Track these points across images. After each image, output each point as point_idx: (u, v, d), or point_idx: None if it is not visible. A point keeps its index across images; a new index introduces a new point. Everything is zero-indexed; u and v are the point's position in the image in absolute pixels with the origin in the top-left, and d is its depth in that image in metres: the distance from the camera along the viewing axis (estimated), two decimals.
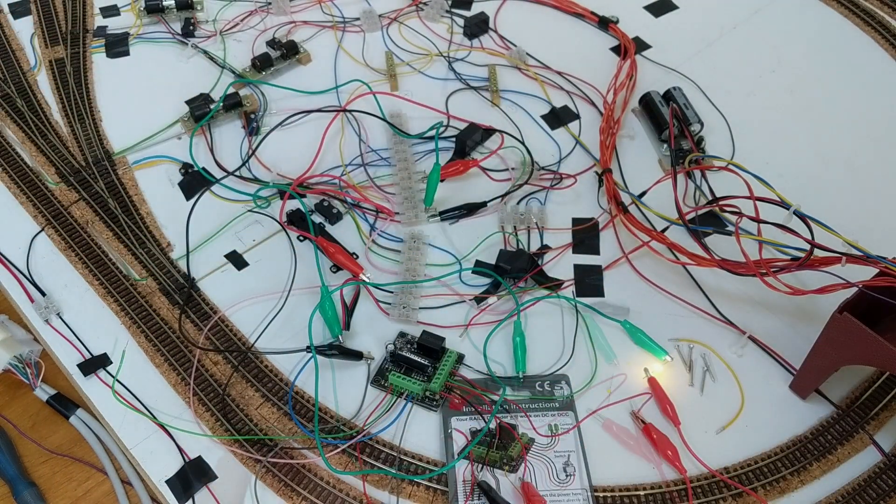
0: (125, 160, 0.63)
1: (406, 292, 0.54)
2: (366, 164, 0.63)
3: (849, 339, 0.45)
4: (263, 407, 0.50)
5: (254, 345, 0.53)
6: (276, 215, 0.59)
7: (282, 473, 0.47)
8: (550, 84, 0.70)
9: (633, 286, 0.56)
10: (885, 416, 0.50)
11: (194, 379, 0.51)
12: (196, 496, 0.47)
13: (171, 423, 0.49)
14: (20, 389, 0.58)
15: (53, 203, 0.61)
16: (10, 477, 0.54)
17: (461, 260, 0.57)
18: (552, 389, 0.50)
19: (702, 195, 0.61)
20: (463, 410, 0.49)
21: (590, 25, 0.76)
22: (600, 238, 0.59)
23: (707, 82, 0.70)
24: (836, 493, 0.47)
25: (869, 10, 0.77)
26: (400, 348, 0.51)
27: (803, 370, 0.50)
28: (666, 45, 0.74)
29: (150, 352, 0.53)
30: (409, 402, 0.50)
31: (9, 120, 0.66)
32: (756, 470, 0.47)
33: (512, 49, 0.72)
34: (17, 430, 0.57)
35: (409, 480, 0.47)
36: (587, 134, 0.66)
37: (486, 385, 0.50)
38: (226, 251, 0.58)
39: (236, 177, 0.62)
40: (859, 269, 0.46)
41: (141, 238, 0.58)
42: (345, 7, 0.76)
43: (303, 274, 0.56)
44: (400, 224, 0.59)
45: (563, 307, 0.55)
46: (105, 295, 0.56)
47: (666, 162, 0.63)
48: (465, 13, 0.76)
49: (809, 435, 0.49)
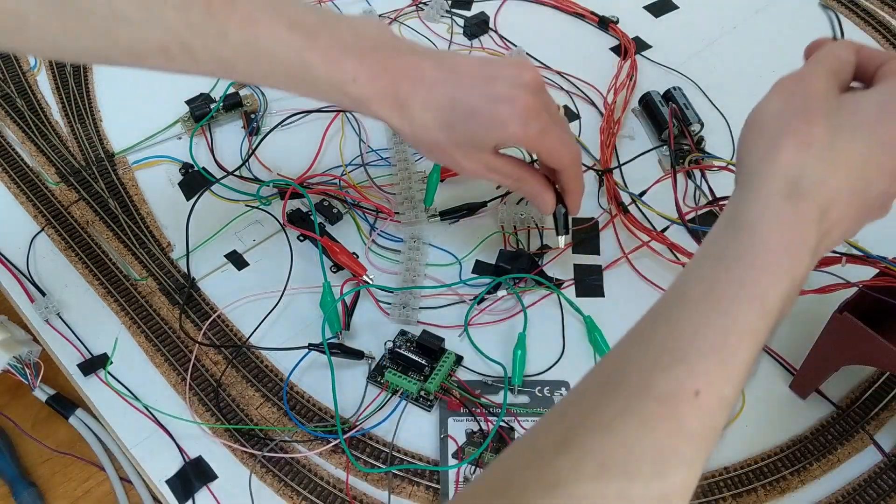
0: (125, 160, 0.64)
1: (406, 292, 0.54)
2: (366, 164, 0.63)
3: (849, 339, 0.44)
4: (263, 407, 0.50)
5: (248, 339, 0.53)
6: (276, 215, 0.59)
7: (282, 473, 0.47)
8: (550, 84, 0.70)
9: (633, 286, 0.56)
10: (885, 416, 0.50)
11: (193, 378, 0.51)
12: (196, 496, 0.47)
13: (170, 424, 0.49)
14: (20, 390, 0.58)
15: (53, 203, 0.61)
16: (9, 477, 0.54)
17: (461, 260, 0.57)
18: (552, 395, 0.50)
19: (702, 195, 0.61)
20: (460, 412, 0.49)
21: (590, 25, 0.76)
22: (600, 238, 0.59)
23: (707, 82, 0.70)
24: (836, 493, 0.47)
25: (869, 9, 0.77)
26: (399, 346, 0.51)
27: (803, 370, 0.50)
28: (666, 45, 0.74)
29: (150, 351, 0.53)
30: (402, 400, 0.50)
31: (9, 120, 0.66)
32: (756, 470, 0.47)
33: (512, 49, 0.72)
34: (19, 429, 0.57)
35: (408, 480, 0.47)
36: (587, 134, 0.66)
37: (486, 385, 0.50)
38: (226, 251, 0.58)
39: (236, 177, 0.62)
40: (859, 269, 0.46)
41: (141, 238, 0.58)
42: (345, 7, 0.76)
43: (304, 274, 0.56)
44: (400, 224, 0.59)
45: (564, 308, 0.55)
46: (105, 295, 0.56)
47: (666, 162, 0.63)
48: (465, 13, 0.76)
49: (809, 435, 0.49)
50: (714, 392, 0.30)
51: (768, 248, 0.33)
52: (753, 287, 0.32)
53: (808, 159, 0.34)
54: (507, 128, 0.44)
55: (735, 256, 0.33)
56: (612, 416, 0.30)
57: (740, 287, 0.32)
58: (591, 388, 0.33)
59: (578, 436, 0.30)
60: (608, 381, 0.32)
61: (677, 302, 0.33)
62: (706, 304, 0.32)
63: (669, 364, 0.31)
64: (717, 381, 0.31)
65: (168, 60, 0.43)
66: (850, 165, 0.34)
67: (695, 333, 0.31)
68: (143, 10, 0.41)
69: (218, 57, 0.43)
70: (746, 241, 0.33)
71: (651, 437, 0.29)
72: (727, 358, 0.31)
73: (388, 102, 0.44)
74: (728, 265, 0.33)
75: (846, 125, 0.35)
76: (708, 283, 0.33)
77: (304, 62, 0.43)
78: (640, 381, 0.31)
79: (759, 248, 0.33)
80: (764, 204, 0.34)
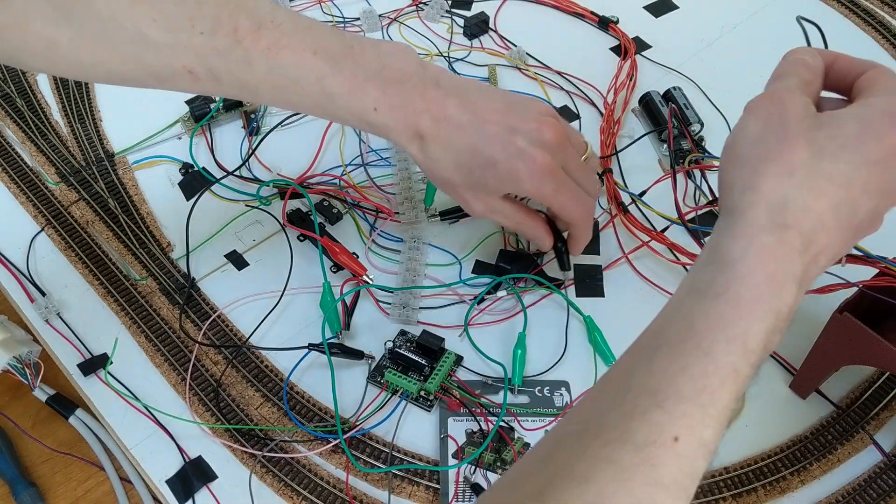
0: (125, 160, 0.64)
1: (406, 292, 0.54)
2: (366, 164, 0.63)
3: (849, 339, 0.45)
4: (263, 407, 0.50)
5: (248, 339, 0.53)
6: (276, 215, 0.59)
7: (282, 473, 0.47)
8: (550, 84, 0.70)
9: (633, 286, 0.56)
10: (885, 416, 0.50)
11: (193, 378, 0.51)
12: (196, 496, 0.47)
13: (170, 424, 0.49)
14: (20, 390, 0.58)
15: (53, 203, 0.61)
16: (9, 477, 0.54)
17: (461, 260, 0.57)
18: (551, 395, 0.50)
19: (702, 195, 0.61)
20: (460, 412, 0.49)
21: (590, 25, 0.76)
22: (600, 238, 0.59)
23: (707, 82, 0.70)
24: (836, 493, 0.47)
25: (869, 9, 0.77)
26: (399, 346, 0.51)
27: (803, 370, 0.50)
28: (666, 45, 0.74)
29: (150, 351, 0.53)
30: (403, 400, 0.50)
31: (9, 120, 0.66)
32: (756, 470, 0.47)
33: (512, 49, 0.72)
34: (19, 429, 0.57)
35: (408, 480, 0.47)
36: (587, 134, 0.66)
37: (486, 385, 0.50)
38: (226, 251, 0.58)
39: (236, 177, 0.62)
40: (859, 269, 0.46)
41: (141, 238, 0.58)
42: (345, 7, 0.76)
43: (303, 274, 0.56)
44: (400, 224, 0.59)
45: (564, 308, 0.55)
46: (105, 295, 0.56)
47: (666, 162, 0.63)
48: (465, 13, 0.76)
49: (809, 435, 0.49)
50: (694, 437, 0.30)
51: (750, 284, 0.32)
52: (734, 326, 0.31)
53: (790, 187, 0.33)
54: (520, 183, 0.45)
55: (715, 294, 0.32)
56: (588, 465, 0.29)
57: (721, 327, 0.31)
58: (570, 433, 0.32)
59: (557, 489, 0.29)
60: (587, 427, 0.31)
61: (656, 341, 0.33)
62: (686, 345, 0.31)
63: (648, 408, 0.30)
64: (696, 426, 0.30)
65: (193, 83, 0.43)
66: (834, 188, 0.33)
67: (674, 375, 0.31)
68: (170, 36, 0.42)
69: (243, 82, 0.43)
70: (728, 277, 0.32)
71: (626, 487, 0.29)
72: (707, 401, 0.30)
73: (407, 134, 0.45)
74: (709, 303, 0.32)
75: (828, 147, 0.34)
76: (688, 322, 0.32)
77: (327, 90, 0.43)
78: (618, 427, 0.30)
79: (741, 284, 0.32)
80: (747, 239, 0.33)
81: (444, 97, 0.45)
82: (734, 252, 0.33)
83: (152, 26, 0.41)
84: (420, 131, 0.45)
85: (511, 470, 0.33)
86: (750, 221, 0.33)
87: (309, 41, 0.43)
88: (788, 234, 0.33)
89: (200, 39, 0.42)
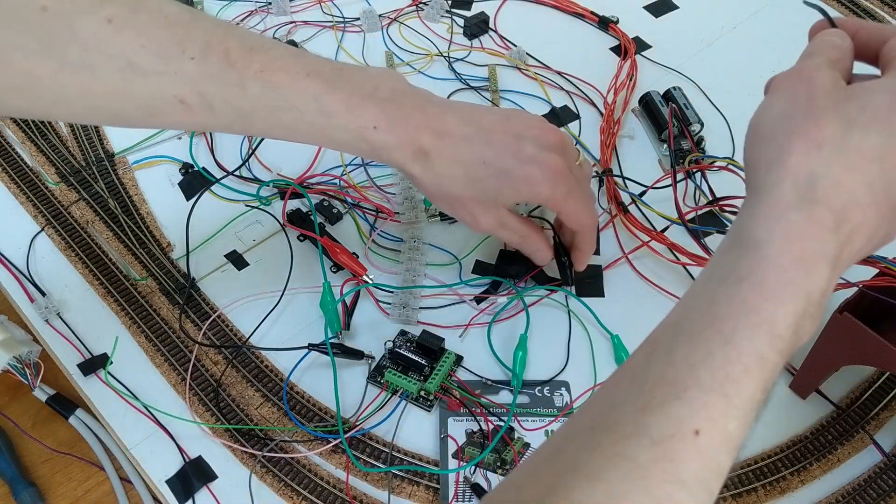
0: (125, 160, 0.64)
1: (406, 292, 0.54)
2: (366, 163, 0.63)
3: (849, 339, 0.44)
4: (263, 407, 0.50)
5: (248, 339, 0.53)
6: (276, 215, 0.59)
7: (282, 473, 0.47)
8: (550, 84, 0.70)
9: (633, 286, 0.56)
10: (885, 416, 0.50)
11: (193, 378, 0.51)
12: (196, 496, 0.47)
13: (170, 424, 0.49)
14: (20, 390, 0.58)
15: (53, 203, 0.61)
16: (9, 477, 0.54)
17: (461, 260, 0.57)
18: (551, 395, 0.50)
19: (702, 195, 0.61)
20: (460, 412, 0.49)
21: (590, 25, 0.76)
22: (600, 238, 0.58)
23: (707, 82, 0.70)
24: (836, 493, 0.47)
25: (869, 9, 0.77)
26: (399, 346, 0.51)
27: (803, 370, 0.50)
28: (666, 45, 0.74)
29: (150, 351, 0.53)
30: (403, 400, 0.50)
31: (9, 120, 0.66)
32: (756, 470, 0.47)
33: (512, 49, 0.72)
34: (19, 429, 0.57)
35: (408, 480, 0.47)
36: (587, 134, 0.66)
37: (486, 385, 0.50)
38: (226, 251, 0.58)
39: (236, 177, 0.62)
40: (859, 269, 0.46)
41: (141, 238, 0.58)
42: (345, 7, 0.76)
43: (304, 274, 0.56)
44: (400, 224, 0.59)
45: (564, 308, 0.55)
46: (105, 295, 0.56)
47: (666, 162, 0.63)
48: (465, 13, 0.76)
49: (809, 435, 0.49)
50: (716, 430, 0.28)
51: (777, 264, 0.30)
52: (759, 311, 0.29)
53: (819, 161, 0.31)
54: (536, 188, 0.45)
55: (739, 278, 0.30)
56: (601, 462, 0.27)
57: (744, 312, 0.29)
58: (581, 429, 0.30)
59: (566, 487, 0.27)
60: (599, 421, 0.29)
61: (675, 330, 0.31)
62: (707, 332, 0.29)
63: (666, 400, 0.28)
64: (719, 418, 0.28)
65: (184, 115, 0.42)
66: (866, 162, 0.31)
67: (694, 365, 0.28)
68: (160, 62, 0.40)
69: (236, 108, 0.42)
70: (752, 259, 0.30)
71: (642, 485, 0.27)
72: (731, 391, 0.28)
73: (409, 151, 0.44)
74: (731, 288, 0.30)
75: (859, 118, 0.32)
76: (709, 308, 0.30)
77: (324, 110, 0.42)
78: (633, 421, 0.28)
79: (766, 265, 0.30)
80: (772, 217, 0.31)
81: (442, 113, 0.45)
82: (759, 232, 0.31)
83: (141, 53, 0.40)
84: (423, 147, 0.44)
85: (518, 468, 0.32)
86: (776, 199, 0.31)
87: (301, 64, 0.42)
88: (817, 210, 0.30)
89: (192, 65, 0.40)
